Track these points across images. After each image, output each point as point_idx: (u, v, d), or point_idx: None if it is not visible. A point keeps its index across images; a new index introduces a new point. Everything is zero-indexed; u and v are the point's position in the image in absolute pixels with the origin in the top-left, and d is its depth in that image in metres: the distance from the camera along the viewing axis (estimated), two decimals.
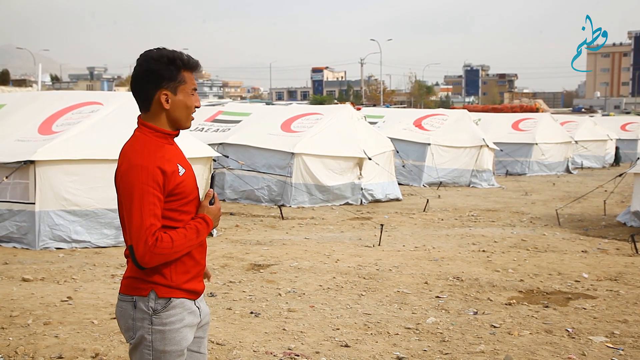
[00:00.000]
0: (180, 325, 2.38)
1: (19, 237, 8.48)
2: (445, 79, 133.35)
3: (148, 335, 2.34)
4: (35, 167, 8.31)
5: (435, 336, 5.08)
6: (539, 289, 6.61)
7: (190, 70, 2.41)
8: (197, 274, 2.46)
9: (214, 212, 2.44)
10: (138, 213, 2.24)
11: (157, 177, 2.28)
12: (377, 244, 8.90)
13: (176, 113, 2.42)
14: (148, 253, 2.23)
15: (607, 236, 9.95)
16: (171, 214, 2.34)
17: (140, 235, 2.23)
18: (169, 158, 2.36)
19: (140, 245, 2.23)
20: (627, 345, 4.88)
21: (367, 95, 78.01)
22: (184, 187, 2.37)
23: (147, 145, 2.36)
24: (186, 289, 2.40)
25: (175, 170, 2.35)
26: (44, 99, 10.60)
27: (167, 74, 2.36)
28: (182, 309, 2.39)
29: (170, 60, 2.36)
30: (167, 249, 2.26)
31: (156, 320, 2.34)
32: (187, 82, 2.40)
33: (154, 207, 2.26)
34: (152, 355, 2.35)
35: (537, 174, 21.13)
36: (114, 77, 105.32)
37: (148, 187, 2.26)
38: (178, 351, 2.37)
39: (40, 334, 4.93)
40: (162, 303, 2.34)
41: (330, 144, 13.11)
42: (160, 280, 2.35)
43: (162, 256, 2.27)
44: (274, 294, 6.29)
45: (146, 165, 2.27)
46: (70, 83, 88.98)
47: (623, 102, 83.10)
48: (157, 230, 2.26)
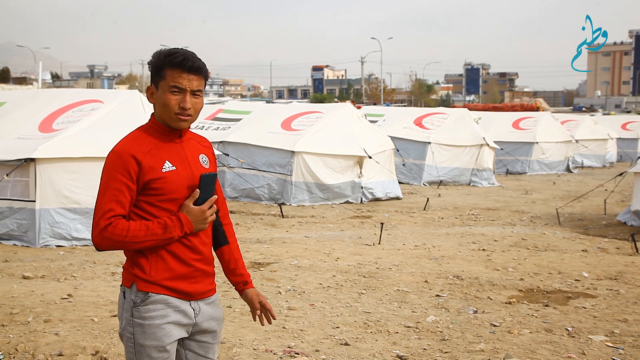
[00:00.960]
0: (163, 322, 2.36)
1: (19, 234, 8.48)
2: (445, 78, 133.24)
3: (130, 327, 2.37)
4: (35, 164, 8.32)
5: (435, 335, 5.08)
6: (539, 287, 6.61)
7: (174, 68, 2.33)
8: (185, 275, 2.41)
9: (193, 212, 2.36)
10: (101, 196, 2.30)
11: (129, 165, 2.29)
12: (377, 243, 8.90)
13: (157, 109, 2.41)
14: (99, 235, 2.28)
15: (608, 235, 9.95)
16: (148, 207, 2.35)
17: (96, 218, 2.29)
18: (155, 152, 2.35)
19: (94, 227, 2.29)
20: (627, 344, 4.88)
21: (368, 93, 77.98)
22: (165, 183, 2.34)
23: (136, 135, 2.39)
24: (168, 287, 2.37)
25: (157, 165, 2.33)
26: (45, 97, 10.59)
27: (155, 70, 2.38)
28: (164, 305, 2.37)
29: (160, 56, 2.37)
30: (118, 235, 2.27)
31: (136, 313, 2.35)
32: (166, 79, 2.34)
33: (119, 193, 2.28)
34: (133, 348, 2.37)
35: (538, 173, 21.13)
36: (114, 75, 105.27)
37: (116, 173, 2.29)
38: (158, 347, 2.36)
39: (41, 332, 4.94)
40: (141, 296, 2.35)
41: (330, 143, 13.11)
42: (139, 273, 2.36)
43: (112, 241, 2.28)
44: (274, 292, 6.30)
45: (120, 153, 2.31)
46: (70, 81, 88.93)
47: (624, 101, 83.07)
48: (114, 215, 2.28)
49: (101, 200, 2.29)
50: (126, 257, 2.43)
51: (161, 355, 2.37)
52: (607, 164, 25.37)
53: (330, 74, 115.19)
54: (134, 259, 2.38)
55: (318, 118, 14.11)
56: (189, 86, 2.35)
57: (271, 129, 13.91)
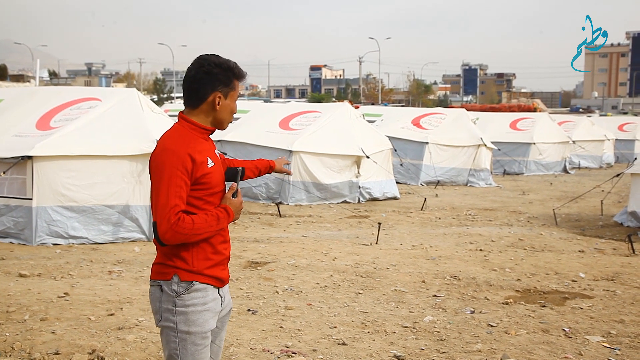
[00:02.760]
0: (203, 309, 2.54)
1: (16, 232, 8.46)
2: (443, 78, 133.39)
3: (172, 317, 2.51)
4: (32, 162, 8.30)
5: (433, 335, 5.08)
6: (536, 288, 6.62)
7: (239, 80, 2.66)
8: (219, 262, 2.62)
9: (235, 204, 2.62)
10: (165, 193, 2.42)
11: (187, 163, 2.45)
12: (375, 242, 8.90)
13: (222, 115, 2.63)
14: (170, 230, 2.41)
15: (604, 236, 9.97)
16: (196, 201, 2.52)
17: (165, 213, 2.41)
18: (201, 150, 2.54)
19: (164, 223, 2.41)
20: (624, 345, 4.88)
21: (365, 93, 78.00)
22: (211, 178, 2.54)
23: (182, 135, 2.55)
24: (209, 275, 2.57)
25: (205, 161, 2.53)
26: (42, 95, 10.57)
27: (224, 80, 2.59)
28: (204, 293, 2.55)
29: (228, 68, 2.60)
30: (187, 229, 2.43)
31: (179, 302, 2.50)
32: (236, 90, 2.64)
33: (180, 189, 2.44)
34: (177, 337, 2.51)
35: (535, 174, 21.15)
36: (112, 73, 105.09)
37: (177, 170, 2.43)
38: (202, 332, 2.53)
39: (37, 330, 4.92)
40: (185, 286, 2.51)
41: (328, 142, 13.11)
42: (182, 265, 2.52)
43: (182, 235, 2.43)
44: (271, 291, 6.29)
45: (177, 151, 2.46)
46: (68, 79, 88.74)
47: (620, 102, 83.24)
48: (180, 211, 2.44)
49: (166, 196, 2.42)
50: (161, 252, 2.56)
51: (204, 342, 2.55)
52: (603, 164, 25.42)
53: (329, 74, 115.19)
54: (175, 251, 2.52)
55: (316, 117, 14.10)
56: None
57: (269, 128, 13.90)
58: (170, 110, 19.81)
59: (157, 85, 62.80)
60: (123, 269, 7.17)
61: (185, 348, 2.51)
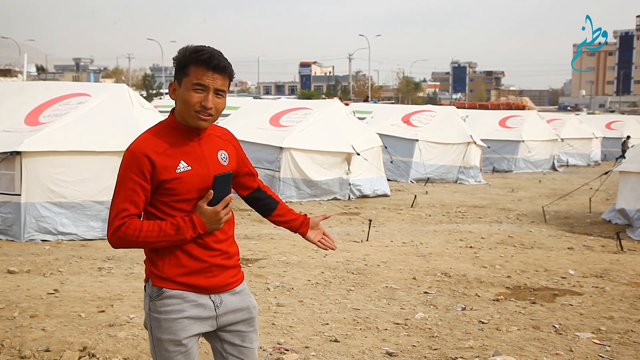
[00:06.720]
0: (179, 316, 2.36)
1: (4, 228, 8.39)
2: (432, 76, 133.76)
3: (148, 320, 2.41)
4: (21, 158, 8.23)
5: (424, 331, 5.10)
6: (526, 285, 6.65)
7: (199, 65, 2.28)
8: (199, 270, 2.39)
9: (207, 213, 2.32)
10: (116, 196, 2.29)
11: (143, 165, 2.26)
12: (365, 240, 8.91)
13: (178, 106, 2.35)
14: (113, 235, 2.28)
15: (593, 233, 10.05)
16: (162, 206, 2.33)
17: (111, 217, 2.28)
18: (170, 152, 2.31)
19: (109, 227, 2.29)
20: (614, 341, 4.92)
21: (355, 90, 78.04)
22: (179, 184, 2.31)
23: (154, 133, 2.35)
24: (182, 283, 2.37)
25: (171, 165, 2.29)
26: (31, 90, 10.47)
27: (179, 66, 2.33)
28: (181, 300, 2.37)
29: (185, 51, 2.32)
30: (132, 235, 2.26)
31: (152, 307, 2.38)
32: (189, 76, 2.29)
33: (132, 193, 2.27)
34: (152, 340, 2.41)
35: (524, 171, 21.29)
36: (101, 69, 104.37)
37: (131, 172, 2.26)
38: (174, 340, 2.37)
39: (27, 327, 4.88)
40: (156, 291, 2.37)
41: (318, 139, 13.10)
42: (153, 270, 2.38)
43: (125, 241, 2.28)
44: (263, 288, 6.28)
45: (135, 152, 2.28)
46: (56, 74, 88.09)
47: (608, 100, 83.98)
48: (128, 215, 2.27)
49: (116, 200, 2.28)
50: (145, 252, 2.44)
51: (178, 349, 2.37)
52: (591, 162, 25.63)
53: (318, 71, 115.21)
54: (149, 255, 2.40)
55: (306, 114, 14.10)
56: (212, 85, 2.29)
57: (259, 125, 13.88)
58: (160, 106, 19.73)
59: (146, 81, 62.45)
60: (113, 265, 7.13)
61: (159, 353, 2.40)
